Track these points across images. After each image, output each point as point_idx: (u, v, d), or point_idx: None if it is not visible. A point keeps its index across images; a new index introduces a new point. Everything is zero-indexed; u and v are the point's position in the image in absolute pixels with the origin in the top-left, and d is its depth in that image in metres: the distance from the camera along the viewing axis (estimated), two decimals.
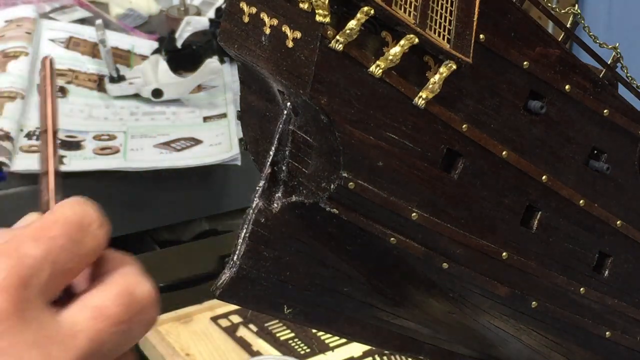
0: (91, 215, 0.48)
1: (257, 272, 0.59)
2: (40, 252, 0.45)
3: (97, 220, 0.48)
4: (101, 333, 0.46)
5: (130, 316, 0.47)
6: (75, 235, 0.47)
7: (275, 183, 0.59)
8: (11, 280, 0.44)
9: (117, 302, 0.47)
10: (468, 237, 0.60)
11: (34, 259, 0.45)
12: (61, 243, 0.46)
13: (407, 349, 0.69)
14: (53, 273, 0.45)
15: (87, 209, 0.48)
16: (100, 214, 0.49)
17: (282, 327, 1.37)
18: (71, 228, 0.47)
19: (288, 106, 0.58)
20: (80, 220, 0.47)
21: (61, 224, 0.47)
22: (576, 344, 0.70)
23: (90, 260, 0.48)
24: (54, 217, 0.47)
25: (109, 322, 0.47)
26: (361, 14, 0.52)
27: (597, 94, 0.63)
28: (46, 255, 0.45)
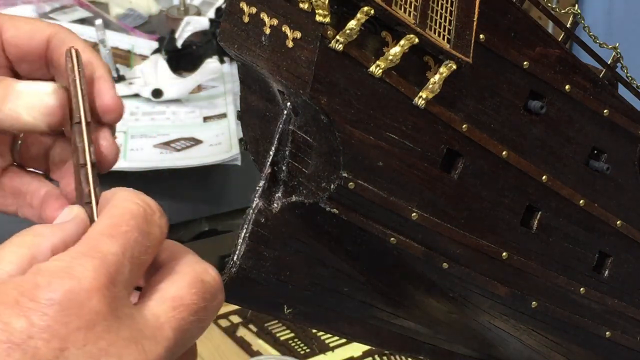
0: (151, 206, 0.48)
1: (257, 272, 0.59)
2: (119, 248, 0.46)
3: (158, 209, 0.49)
4: (183, 322, 0.47)
5: (205, 303, 0.48)
6: (144, 227, 0.47)
7: (275, 183, 0.59)
8: (100, 280, 0.44)
9: (192, 291, 0.48)
10: (468, 237, 0.60)
11: (116, 256, 0.45)
12: (134, 237, 0.46)
13: (407, 349, 0.69)
14: (132, 267, 0.46)
15: (146, 200, 0.49)
16: (157, 203, 0.49)
17: (282, 327, 1.37)
18: (139, 221, 0.47)
19: (288, 106, 0.58)
20: (144, 212, 0.48)
21: (129, 218, 0.47)
22: (576, 344, 0.70)
23: (157, 249, 0.48)
24: (120, 212, 0.47)
25: (188, 311, 0.47)
26: (361, 14, 0.52)
27: (597, 94, 0.63)
28: (124, 251, 0.46)
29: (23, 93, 0.55)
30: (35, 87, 0.55)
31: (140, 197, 0.49)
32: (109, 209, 0.48)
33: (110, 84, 0.58)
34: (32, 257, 0.46)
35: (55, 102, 0.54)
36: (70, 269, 0.44)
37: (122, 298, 0.45)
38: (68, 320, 0.43)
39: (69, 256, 0.45)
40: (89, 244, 0.46)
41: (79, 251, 0.45)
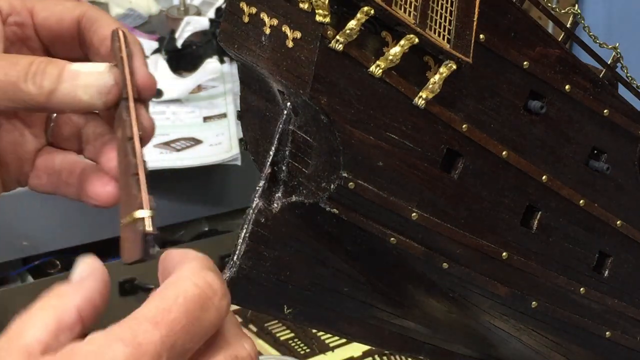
0: (213, 286, 0.46)
1: (257, 272, 0.59)
2: (159, 338, 0.44)
3: (219, 290, 0.47)
4: None
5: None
6: (197, 313, 0.45)
7: (275, 183, 0.59)
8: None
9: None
10: (468, 237, 0.60)
11: (153, 346, 0.43)
12: (182, 325, 0.44)
13: (407, 349, 0.69)
14: (170, 357, 0.44)
15: (209, 278, 0.47)
16: (221, 280, 0.47)
17: (282, 327, 1.37)
18: (193, 306, 0.45)
19: (288, 106, 0.58)
20: (201, 295, 0.45)
21: (182, 303, 0.45)
22: (576, 344, 0.70)
23: (211, 333, 0.46)
24: (174, 294, 0.45)
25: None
26: (361, 14, 0.52)
27: (597, 94, 0.63)
28: (164, 341, 0.44)
29: (79, 73, 0.56)
30: (90, 67, 0.57)
31: (202, 276, 0.46)
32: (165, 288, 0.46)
33: (144, 61, 0.59)
34: (59, 321, 0.45)
35: (112, 80, 0.56)
36: (101, 356, 0.43)
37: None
38: None
39: (104, 339, 0.43)
40: (129, 327, 0.44)
41: (116, 334, 0.44)
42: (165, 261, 0.49)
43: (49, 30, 0.62)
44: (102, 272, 0.48)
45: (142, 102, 0.58)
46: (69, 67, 0.56)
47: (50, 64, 0.57)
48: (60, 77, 0.56)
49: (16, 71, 0.56)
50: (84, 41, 0.61)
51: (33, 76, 0.56)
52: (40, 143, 0.64)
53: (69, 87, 0.56)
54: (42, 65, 0.56)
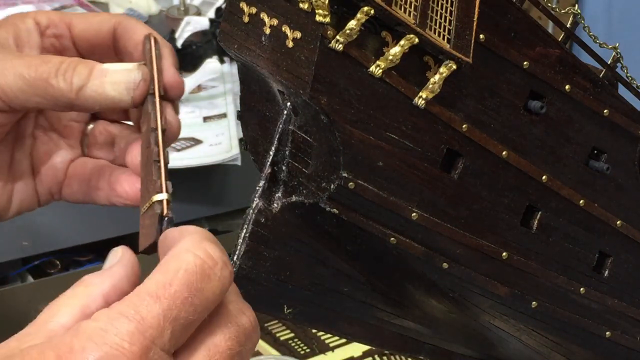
0: (213, 257, 0.47)
1: (257, 272, 0.59)
2: (162, 311, 0.44)
3: (220, 260, 0.47)
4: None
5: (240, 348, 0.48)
6: (199, 284, 0.46)
7: (275, 183, 0.59)
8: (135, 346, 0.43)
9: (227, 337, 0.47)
10: (468, 237, 0.60)
11: (156, 320, 0.44)
12: (183, 297, 0.45)
13: (407, 349, 0.69)
14: (174, 330, 0.45)
15: (209, 249, 0.47)
16: (222, 251, 0.48)
17: (282, 327, 1.37)
18: (194, 277, 0.45)
19: (288, 106, 0.58)
20: (202, 266, 0.46)
21: (182, 275, 0.45)
22: (576, 344, 0.70)
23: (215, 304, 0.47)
24: (175, 267, 0.46)
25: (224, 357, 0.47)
26: (361, 14, 0.52)
27: (597, 94, 0.63)
28: (167, 314, 0.44)
29: (108, 71, 0.59)
30: (119, 65, 0.59)
31: (202, 247, 0.47)
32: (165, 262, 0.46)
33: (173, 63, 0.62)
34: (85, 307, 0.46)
35: (139, 76, 0.58)
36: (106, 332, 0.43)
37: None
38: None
39: (107, 316, 0.44)
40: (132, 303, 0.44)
41: (118, 311, 0.44)
42: (166, 240, 0.50)
43: (86, 41, 0.65)
44: (130, 259, 0.49)
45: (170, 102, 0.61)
46: (99, 66, 0.59)
47: (81, 63, 0.59)
48: (90, 75, 0.58)
49: (47, 67, 0.58)
50: (119, 48, 0.64)
51: (64, 73, 0.58)
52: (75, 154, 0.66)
53: (98, 83, 0.58)
54: (73, 63, 0.59)
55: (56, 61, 0.59)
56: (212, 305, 0.47)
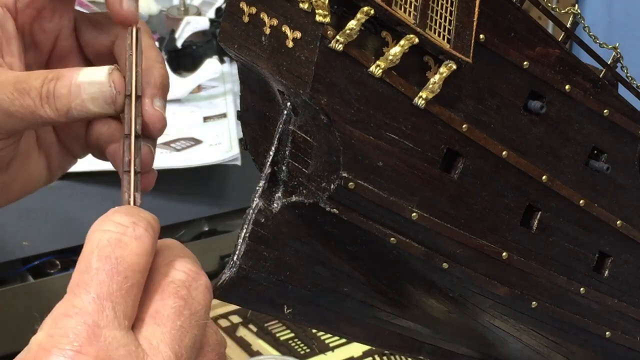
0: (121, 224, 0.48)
1: (257, 272, 0.59)
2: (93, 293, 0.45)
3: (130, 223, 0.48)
4: (173, 332, 0.47)
5: (183, 301, 0.48)
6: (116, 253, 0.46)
7: (275, 183, 0.59)
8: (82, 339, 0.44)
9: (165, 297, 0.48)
10: (468, 237, 0.60)
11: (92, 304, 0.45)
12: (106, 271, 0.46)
13: (407, 349, 0.69)
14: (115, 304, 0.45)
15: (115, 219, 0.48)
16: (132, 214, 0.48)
17: (282, 327, 1.37)
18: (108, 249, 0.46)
19: (288, 106, 0.58)
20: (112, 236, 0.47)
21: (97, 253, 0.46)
22: (576, 344, 0.70)
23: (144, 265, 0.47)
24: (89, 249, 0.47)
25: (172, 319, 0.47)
26: (361, 14, 0.52)
27: (597, 94, 0.63)
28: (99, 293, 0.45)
29: (84, 86, 0.57)
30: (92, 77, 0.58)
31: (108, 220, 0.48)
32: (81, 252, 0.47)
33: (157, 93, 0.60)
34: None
35: (112, 90, 0.57)
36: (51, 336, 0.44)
37: (114, 339, 0.45)
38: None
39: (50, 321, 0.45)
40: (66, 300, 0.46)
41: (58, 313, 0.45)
42: None
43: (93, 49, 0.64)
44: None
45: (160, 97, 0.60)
46: (74, 81, 0.58)
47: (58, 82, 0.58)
48: (70, 95, 0.57)
49: (31, 99, 0.58)
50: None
51: (47, 100, 0.58)
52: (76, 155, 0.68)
53: (80, 102, 0.57)
54: (52, 86, 0.58)
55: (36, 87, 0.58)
56: (142, 267, 0.47)
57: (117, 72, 0.57)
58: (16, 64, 0.62)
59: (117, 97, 0.57)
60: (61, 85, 0.58)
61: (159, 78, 0.60)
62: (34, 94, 0.58)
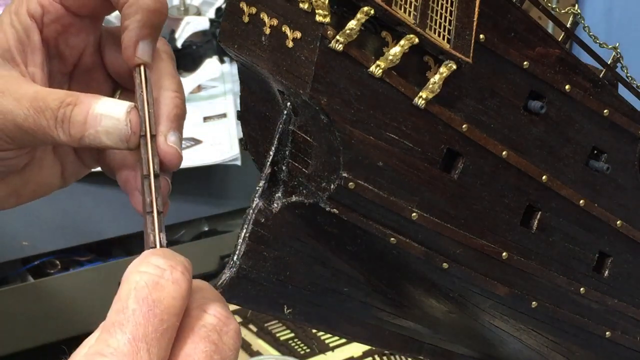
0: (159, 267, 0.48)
1: (257, 272, 0.59)
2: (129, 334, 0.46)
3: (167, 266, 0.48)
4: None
5: (215, 345, 0.48)
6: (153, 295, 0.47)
7: (275, 183, 0.59)
8: None
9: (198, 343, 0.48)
10: (468, 237, 0.60)
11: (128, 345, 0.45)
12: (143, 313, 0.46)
13: (407, 349, 0.69)
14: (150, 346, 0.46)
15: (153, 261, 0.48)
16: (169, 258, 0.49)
17: (282, 327, 1.37)
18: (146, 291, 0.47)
19: (288, 106, 0.58)
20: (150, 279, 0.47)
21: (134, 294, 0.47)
22: (576, 344, 0.70)
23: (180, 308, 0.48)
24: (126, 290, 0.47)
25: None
26: (361, 14, 0.52)
27: (597, 94, 0.63)
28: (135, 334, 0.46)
29: (102, 118, 0.57)
30: (110, 111, 0.57)
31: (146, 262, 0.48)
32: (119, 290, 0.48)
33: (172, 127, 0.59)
34: None
35: (128, 130, 0.57)
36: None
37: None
38: None
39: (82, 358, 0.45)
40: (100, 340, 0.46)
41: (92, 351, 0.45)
42: None
43: (83, 7, 0.63)
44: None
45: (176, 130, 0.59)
46: (92, 111, 0.58)
47: (76, 109, 0.58)
48: (85, 124, 0.58)
49: (45, 119, 0.58)
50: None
51: (61, 124, 0.58)
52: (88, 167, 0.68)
53: (94, 133, 0.57)
54: (69, 110, 0.58)
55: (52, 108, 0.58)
56: (178, 310, 0.47)
57: (135, 112, 0.57)
58: (38, 74, 0.62)
59: (132, 136, 0.57)
60: (78, 112, 0.58)
61: (173, 109, 0.60)
62: (49, 114, 0.58)
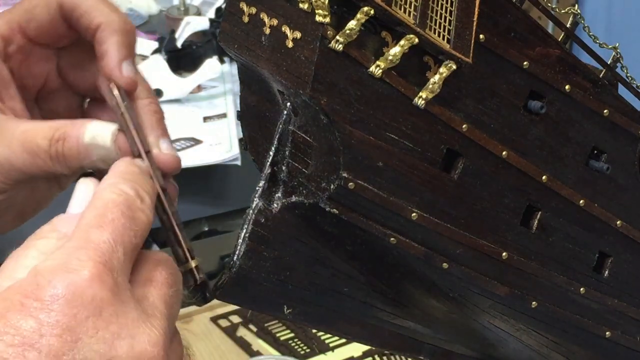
0: (131, 192, 0.50)
1: (257, 272, 0.59)
2: (109, 235, 0.47)
3: (138, 196, 0.50)
4: (166, 297, 0.49)
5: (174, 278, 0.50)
6: (128, 212, 0.49)
7: (275, 183, 0.59)
8: (98, 268, 0.45)
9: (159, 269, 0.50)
10: (468, 237, 0.60)
11: (108, 244, 0.46)
12: (121, 223, 0.48)
13: (407, 349, 0.69)
14: (125, 251, 0.47)
15: (124, 189, 0.50)
16: (137, 189, 0.50)
17: (282, 327, 1.37)
18: (122, 207, 0.49)
19: (288, 106, 0.58)
20: (125, 199, 0.49)
21: (112, 206, 0.48)
22: (576, 344, 0.70)
23: (146, 232, 0.50)
24: (103, 202, 0.49)
25: (166, 286, 0.49)
26: (361, 14, 0.52)
27: (597, 94, 0.63)
28: (115, 237, 0.47)
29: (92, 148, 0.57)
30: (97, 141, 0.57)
31: (119, 187, 0.50)
32: (92, 201, 0.49)
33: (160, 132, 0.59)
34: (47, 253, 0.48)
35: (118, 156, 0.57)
36: (67, 263, 0.45)
37: (122, 282, 0.46)
38: (75, 312, 0.44)
39: (62, 252, 0.46)
40: (80, 237, 0.47)
41: (71, 246, 0.46)
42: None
43: (44, 35, 0.63)
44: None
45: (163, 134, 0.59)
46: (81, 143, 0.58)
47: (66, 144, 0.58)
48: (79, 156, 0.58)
49: (42, 160, 0.58)
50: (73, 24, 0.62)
51: (57, 160, 0.58)
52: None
53: (90, 162, 0.58)
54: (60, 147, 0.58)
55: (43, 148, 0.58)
56: (144, 234, 0.49)
57: (121, 137, 0.57)
58: (18, 107, 0.62)
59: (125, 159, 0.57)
60: (69, 147, 0.58)
61: (153, 116, 0.60)
62: (43, 155, 0.58)
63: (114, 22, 0.60)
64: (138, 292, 0.48)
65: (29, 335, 0.43)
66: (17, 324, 0.43)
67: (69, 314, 0.44)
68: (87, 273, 0.45)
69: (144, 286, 0.49)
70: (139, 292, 0.48)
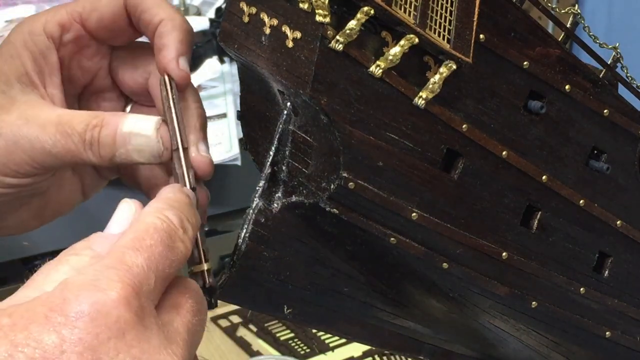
0: (174, 222, 0.49)
1: (257, 272, 0.59)
2: (144, 260, 0.46)
3: (181, 226, 0.50)
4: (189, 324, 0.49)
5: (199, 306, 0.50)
6: (168, 241, 0.48)
7: (275, 183, 0.59)
8: (126, 291, 0.44)
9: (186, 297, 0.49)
10: (468, 237, 0.60)
11: (141, 268, 0.46)
12: (159, 250, 0.47)
13: (407, 349, 0.69)
14: (157, 279, 0.47)
15: (169, 216, 0.49)
16: (182, 218, 0.50)
17: (282, 327, 1.37)
18: (162, 235, 0.48)
19: (288, 106, 0.58)
20: (167, 227, 0.48)
21: (153, 232, 0.48)
22: (576, 344, 0.70)
23: (182, 263, 0.49)
24: (145, 226, 0.48)
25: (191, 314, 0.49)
26: (361, 14, 0.52)
27: (597, 94, 0.63)
28: (149, 263, 0.46)
29: (130, 136, 0.58)
30: (138, 129, 0.58)
31: (164, 213, 0.49)
32: (134, 223, 0.49)
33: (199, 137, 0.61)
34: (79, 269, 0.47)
35: (160, 147, 0.57)
36: (97, 281, 0.44)
37: (148, 308, 0.46)
38: (98, 332, 0.43)
39: (94, 269, 0.45)
40: (114, 257, 0.46)
41: (104, 264, 0.46)
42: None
43: (103, 30, 0.64)
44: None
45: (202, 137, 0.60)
46: (120, 131, 0.58)
47: (103, 130, 0.58)
48: (115, 144, 0.58)
49: (74, 143, 0.59)
50: (136, 22, 0.63)
51: (90, 146, 0.58)
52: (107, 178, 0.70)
53: (125, 152, 0.58)
54: (96, 132, 0.58)
55: (79, 132, 0.58)
56: (180, 265, 0.49)
57: (164, 127, 0.57)
58: (57, 96, 0.62)
59: (165, 152, 0.58)
60: (106, 133, 0.58)
61: (198, 120, 0.61)
62: (76, 139, 0.58)
63: (176, 20, 0.62)
64: (163, 317, 0.47)
65: (50, 350, 0.42)
66: (39, 337, 0.42)
67: (92, 332, 0.43)
68: (115, 294, 0.44)
69: (169, 312, 0.48)
70: (164, 317, 0.48)
